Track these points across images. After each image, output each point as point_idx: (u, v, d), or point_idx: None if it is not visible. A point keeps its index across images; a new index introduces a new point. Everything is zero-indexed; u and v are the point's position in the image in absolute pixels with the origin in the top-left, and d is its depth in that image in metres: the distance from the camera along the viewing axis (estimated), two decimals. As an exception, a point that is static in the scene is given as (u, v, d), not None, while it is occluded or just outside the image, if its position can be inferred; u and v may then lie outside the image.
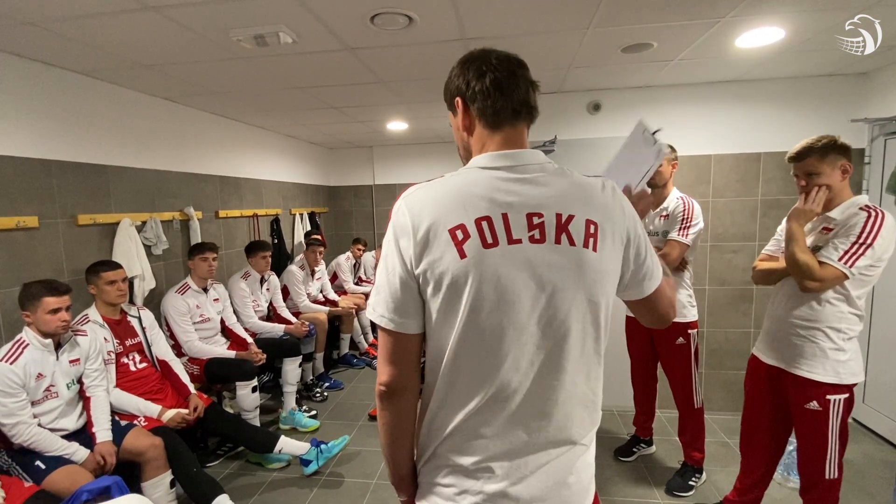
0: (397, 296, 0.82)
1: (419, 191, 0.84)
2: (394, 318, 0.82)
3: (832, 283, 1.60)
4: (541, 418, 0.83)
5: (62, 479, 1.78)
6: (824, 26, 2.12)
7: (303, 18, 1.89)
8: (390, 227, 0.83)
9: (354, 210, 6.08)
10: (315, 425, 3.21)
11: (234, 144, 3.91)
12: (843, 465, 1.72)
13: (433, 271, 0.79)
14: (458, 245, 0.78)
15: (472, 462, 0.84)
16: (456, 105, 0.90)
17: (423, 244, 0.79)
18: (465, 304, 0.78)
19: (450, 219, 0.79)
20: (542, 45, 2.31)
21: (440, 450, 0.87)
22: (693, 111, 3.14)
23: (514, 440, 0.83)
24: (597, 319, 0.84)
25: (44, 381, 1.93)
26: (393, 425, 0.89)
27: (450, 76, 0.91)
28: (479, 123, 0.88)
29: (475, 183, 0.83)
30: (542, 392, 0.83)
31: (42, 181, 2.29)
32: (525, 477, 0.84)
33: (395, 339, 0.84)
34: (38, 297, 1.90)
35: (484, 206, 0.80)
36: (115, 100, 2.71)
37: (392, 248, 0.82)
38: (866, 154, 2.96)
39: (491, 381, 0.81)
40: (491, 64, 0.85)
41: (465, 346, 0.80)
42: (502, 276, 0.78)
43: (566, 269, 0.80)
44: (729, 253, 3.21)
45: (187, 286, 2.93)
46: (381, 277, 0.84)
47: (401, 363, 0.85)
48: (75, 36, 1.98)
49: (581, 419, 0.87)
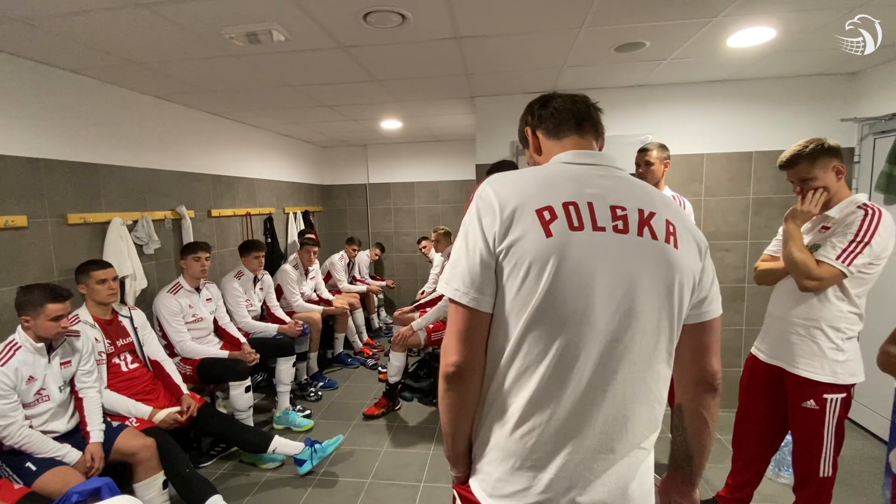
0: (476, 272, 0.81)
1: (505, 177, 0.86)
2: (470, 292, 0.81)
3: (830, 281, 1.61)
4: (606, 415, 0.81)
5: (53, 481, 1.77)
6: (814, 26, 2.14)
7: (295, 16, 1.88)
8: (473, 206, 0.85)
9: (348, 209, 6.06)
10: (309, 425, 3.20)
11: (226, 143, 3.88)
12: (837, 463, 1.74)
13: (515, 249, 0.78)
14: (544, 224, 0.78)
15: (530, 458, 0.82)
16: (527, 134, 0.99)
17: (508, 222, 0.79)
18: (544, 285, 0.77)
19: (538, 200, 0.80)
20: (535, 44, 2.31)
21: (497, 439, 0.85)
22: (685, 110, 3.16)
23: (576, 437, 0.81)
24: (671, 315, 0.83)
25: (35, 383, 1.90)
26: (458, 406, 0.87)
27: (521, 131, 1.03)
28: (545, 139, 0.96)
29: (562, 173, 0.86)
30: (610, 386, 0.81)
31: (31, 180, 2.26)
32: (590, 482, 0.81)
33: (470, 317, 0.82)
34: (40, 304, 1.86)
35: (570, 192, 0.82)
36: (105, 98, 2.68)
37: (475, 226, 0.82)
38: (856, 153, 2.99)
39: (556, 364, 0.79)
40: (554, 97, 0.97)
41: (535, 329, 0.79)
42: (585, 260, 0.78)
43: (647, 260, 0.81)
44: (721, 251, 3.23)
45: (179, 286, 2.91)
46: (461, 253, 0.83)
47: (472, 342, 0.83)
48: (64, 33, 1.96)
49: (647, 421, 0.86)
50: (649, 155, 2.34)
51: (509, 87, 3.17)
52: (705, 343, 0.90)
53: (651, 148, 2.36)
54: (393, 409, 3.46)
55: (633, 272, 0.80)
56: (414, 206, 5.92)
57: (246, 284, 3.47)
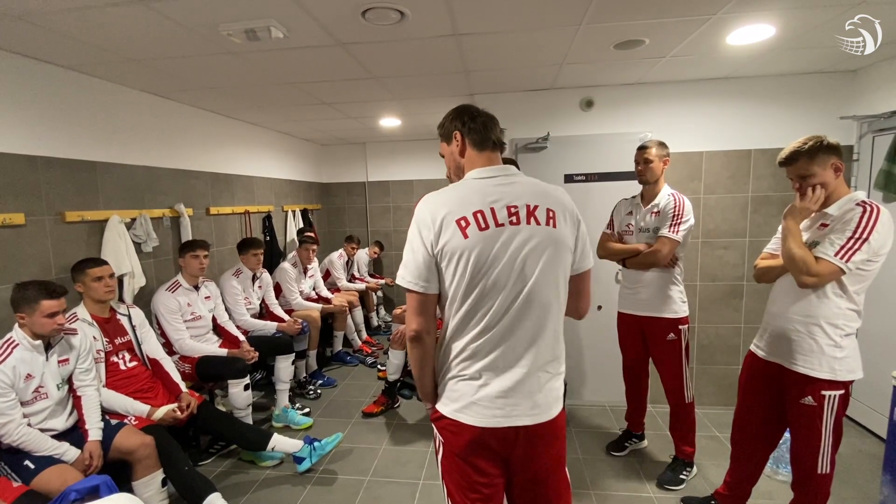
0: (422, 268, 1.18)
1: (434, 196, 1.22)
2: (420, 282, 1.18)
3: (829, 278, 1.61)
4: (518, 345, 1.18)
5: (51, 479, 1.76)
6: (813, 24, 2.14)
7: (293, 13, 1.87)
8: (414, 221, 1.20)
9: (347, 207, 6.06)
10: (308, 423, 3.20)
11: (225, 140, 3.87)
12: (835, 460, 1.74)
13: (446, 249, 1.15)
14: (462, 230, 1.15)
15: (470, 372, 1.20)
16: (455, 137, 1.30)
17: (438, 231, 1.16)
18: (469, 269, 1.15)
19: (456, 213, 1.16)
20: (534, 42, 2.31)
21: (451, 371, 1.23)
22: (685, 108, 3.15)
23: (501, 362, 1.18)
24: (558, 273, 1.21)
25: (33, 381, 1.90)
26: (421, 358, 1.26)
27: (445, 122, 1.34)
28: (470, 147, 1.29)
29: (471, 188, 1.22)
30: (521, 326, 1.18)
31: (28, 177, 2.25)
32: (507, 388, 1.18)
33: (421, 298, 1.20)
34: (35, 301, 1.86)
35: (478, 203, 1.18)
36: (102, 95, 2.67)
37: (416, 236, 1.19)
38: (855, 151, 2.99)
39: (482, 318, 1.17)
40: (479, 114, 1.31)
41: (467, 298, 1.17)
42: (491, 250, 1.15)
43: (535, 240, 1.17)
44: (720, 249, 3.23)
45: (178, 284, 2.90)
46: (409, 257, 1.19)
47: (425, 314, 1.21)
48: (61, 30, 1.95)
49: (551, 349, 1.22)
50: (648, 153, 2.34)
51: (508, 85, 3.16)
52: (581, 288, 1.31)
53: (650, 146, 2.35)
54: (392, 407, 3.46)
55: (526, 250, 1.16)
56: (413, 203, 5.91)
57: (245, 282, 3.47)
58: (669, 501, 2.33)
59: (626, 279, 2.55)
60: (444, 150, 1.37)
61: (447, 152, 1.35)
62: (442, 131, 1.34)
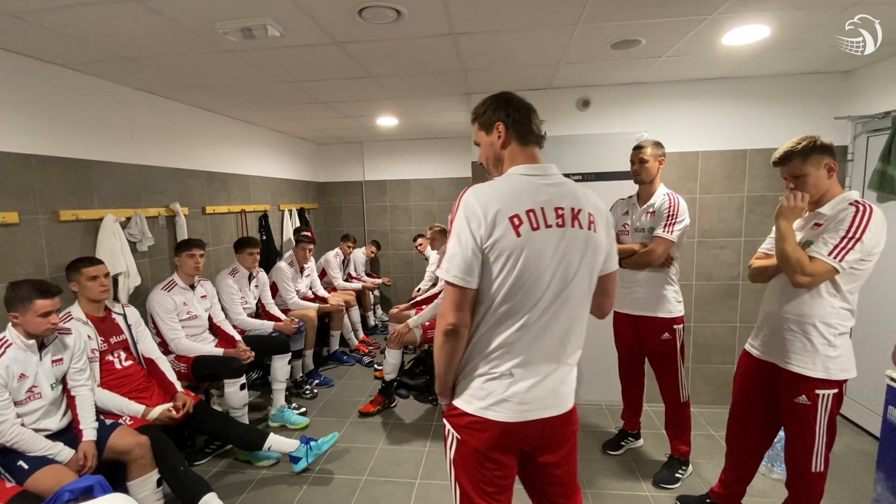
0: (468, 262, 1.14)
1: (482, 189, 1.18)
2: (465, 277, 1.15)
3: (823, 277, 1.62)
4: (552, 344, 1.20)
5: (45, 479, 1.75)
6: (808, 24, 2.15)
7: (290, 11, 1.86)
8: (462, 213, 1.16)
9: (344, 206, 6.05)
10: (304, 422, 3.19)
11: (220, 139, 3.86)
12: (829, 459, 1.75)
13: (497, 246, 1.13)
14: (515, 228, 1.14)
15: (501, 370, 1.19)
16: (497, 128, 1.26)
17: (490, 227, 1.13)
18: (517, 268, 1.14)
19: (509, 209, 1.14)
20: (531, 41, 2.31)
21: (479, 368, 1.22)
22: (681, 108, 3.16)
23: (532, 359, 1.19)
24: (591, 276, 1.24)
25: (26, 381, 1.89)
26: (451, 353, 1.22)
27: (484, 110, 1.29)
28: (513, 140, 1.26)
29: (520, 185, 1.20)
30: (555, 325, 1.19)
31: (22, 176, 2.24)
32: (535, 385, 1.20)
33: (462, 293, 1.16)
34: (28, 300, 1.85)
35: (529, 201, 1.16)
36: (97, 93, 2.65)
37: (465, 228, 1.14)
38: (849, 151, 3.01)
39: (521, 317, 1.17)
40: (522, 105, 1.28)
41: (510, 296, 1.15)
42: (541, 250, 1.15)
43: (577, 243, 1.19)
44: (716, 249, 3.25)
45: (174, 283, 2.89)
46: (455, 250, 1.15)
47: (463, 309, 1.17)
48: (55, 27, 1.93)
49: (575, 345, 1.26)
50: (644, 152, 2.35)
51: (505, 85, 3.16)
52: (609, 289, 1.33)
53: (646, 145, 2.36)
54: (389, 407, 3.46)
55: (568, 253, 1.18)
56: (410, 203, 5.92)
57: (241, 282, 3.46)
58: (665, 500, 2.34)
59: (622, 279, 2.55)
60: (480, 139, 1.32)
61: (485, 142, 1.31)
62: (481, 120, 1.30)
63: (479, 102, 1.33)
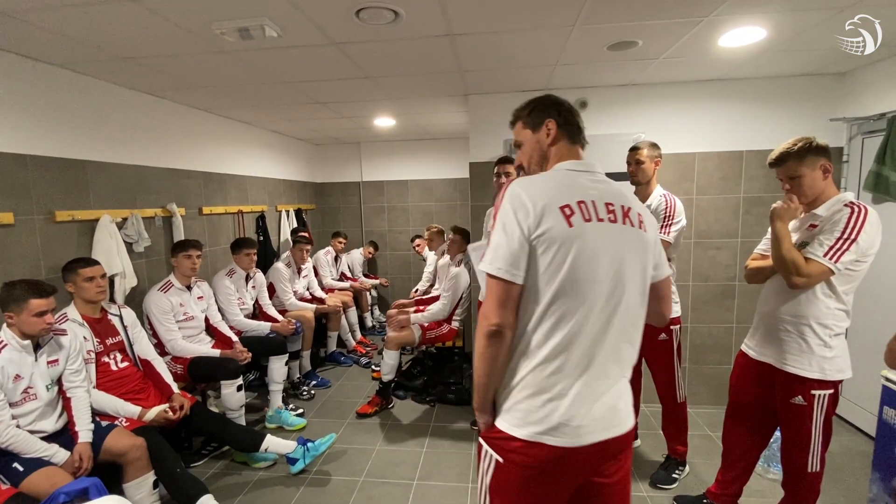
0: (515, 254, 1.05)
1: (528, 182, 1.12)
2: (511, 270, 1.05)
3: (818, 278, 1.63)
4: (606, 353, 1.08)
5: (41, 481, 1.74)
6: (804, 26, 2.16)
7: (287, 12, 1.86)
8: (508, 204, 1.08)
9: (342, 207, 6.04)
10: (302, 424, 3.18)
11: (217, 140, 3.85)
12: (825, 459, 1.76)
13: (546, 236, 1.04)
14: (566, 218, 1.05)
15: (559, 388, 1.06)
16: (547, 125, 1.22)
17: (539, 217, 1.04)
18: (568, 261, 1.04)
19: (559, 200, 1.07)
20: (528, 42, 2.31)
21: (527, 380, 1.08)
22: (678, 109, 3.18)
23: (586, 371, 1.07)
24: (645, 278, 1.15)
25: (21, 382, 1.88)
26: (494, 358, 1.09)
27: (532, 109, 1.25)
28: (564, 139, 1.22)
29: (568, 179, 1.14)
30: (609, 331, 1.08)
31: (17, 176, 2.22)
32: (593, 403, 1.07)
33: (508, 288, 1.05)
34: (23, 299, 1.84)
35: (579, 193, 1.10)
36: (93, 93, 2.64)
37: (511, 219, 1.06)
38: (845, 153, 3.02)
39: (572, 320, 1.05)
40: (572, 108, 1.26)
41: (561, 294, 1.05)
42: (593, 243, 1.06)
43: (629, 241, 1.12)
44: (712, 249, 3.26)
45: (170, 284, 2.88)
46: (501, 240, 1.06)
47: (508, 307, 1.06)
48: (52, 27, 1.93)
49: (629, 357, 1.15)
50: (640, 154, 2.36)
51: (503, 86, 3.17)
52: (665, 293, 1.24)
53: (642, 147, 2.37)
54: (386, 408, 3.45)
55: (621, 250, 1.10)
56: (408, 203, 5.91)
57: (238, 282, 3.45)
58: (662, 500, 2.34)
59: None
60: (524, 137, 1.27)
61: (531, 140, 1.25)
62: (529, 119, 1.25)
63: (521, 105, 1.28)
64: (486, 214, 3.11)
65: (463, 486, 2.49)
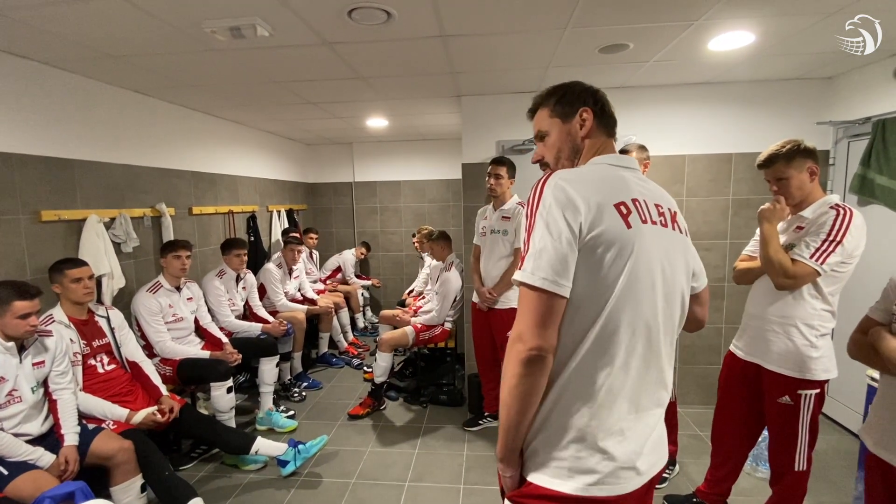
0: (563, 260, 0.86)
1: (571, 175, 0.93)
2: (557, 279, 0.85)
3: (805, 279, 1.65)
4: (654, 376, 0.94)
5: (25, 485, 1.71)
6: (792, 31, 2.19)
7: (279, 11, 1.85)
8: (552, 202, 0.89)
9: (334, 207, 6.01)
10: (292, 425, 3.16)
11: (208, 139, 3.81)
12: (812, 457, 1.79)
13: (604, 236, 0.87)
14: (623, 217, 0.89)
15: (609, 428, 0.89)
16: (581, 114, 1.06)
17: (593, 215, 0.87)
18: (627, 267, 0.87)
19: (612, 197, 0.91)
20: (520, 44, 2.32)
21: (575, 419, 0.90)
22: (668, 112, 3.21)
23: (638, 399, 0.92)
24: (687, 290, 1.02)
25: (6, 384, 1.84)
26: (531, 392, 0.88)
27: (563, 96, 1.09)
28: (599, 130, 1.07)
29: (614, 175, 0.98)
30: (657, 350, 0.94)
31: (2, 175, 2.18)
32: (645, 438, 0.94)
33: (551, 302, 0.86)
34: (6, 301, 1.81)
35: (631, 191, 0.94)
36: (82, 91, 2.60)
37: (558, 217, 0.87)
38: (831, 156, 3.07)
39: (626, 340, 0.89)
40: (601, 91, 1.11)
41: (620, 305, 0.87)
42: (651, 247, 0.91)
43: (678, 248, 0.99)
44: (701, 251, 3.29)
45: (159, 285, 2.85)
46: (546, 244, 0.87)
47: (552, 326, 0.87)
48: (38, 24, 1.89)
49: (669, 380, 1.00)
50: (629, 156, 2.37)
51: (495, 87, 3.17)
52: (705, 298, 1.12)
53: (630, 149, 2.38)
54: (378, 409, 3.44)
55: (673, 257, 0.97)
56: (400, 204, 5.90)
57: (228, 283, 3.42)
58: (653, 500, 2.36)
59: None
60: (553, 127, 1.09)
61: (562, 131, 1.08)
62: (560, 108, 1.08)
63: (545, 91, 1.12)
64: (478, 213, 3.10)
65: (455, 487, 2.49)
